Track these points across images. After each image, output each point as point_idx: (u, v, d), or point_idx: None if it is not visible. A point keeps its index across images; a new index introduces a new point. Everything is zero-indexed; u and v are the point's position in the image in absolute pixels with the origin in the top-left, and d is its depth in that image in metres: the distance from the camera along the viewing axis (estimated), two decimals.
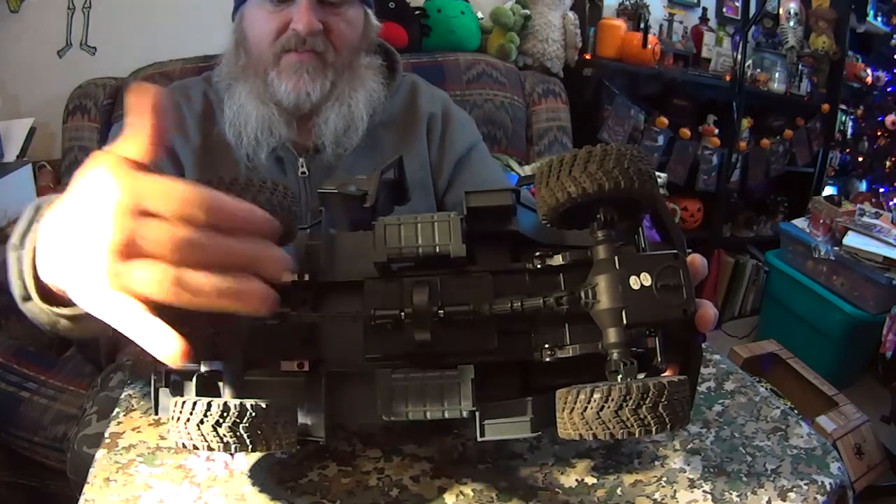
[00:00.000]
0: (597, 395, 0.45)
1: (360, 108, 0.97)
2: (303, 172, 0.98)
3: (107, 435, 0.62)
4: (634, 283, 0.49)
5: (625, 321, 0.49)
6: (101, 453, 0.59)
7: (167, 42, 2.00)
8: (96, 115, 1.80)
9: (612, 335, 0.49)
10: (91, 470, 0.57)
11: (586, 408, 0.46)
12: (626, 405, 0.44)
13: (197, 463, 0.58)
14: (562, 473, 0.58)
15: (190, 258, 0.39)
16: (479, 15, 2.25)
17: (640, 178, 0.48)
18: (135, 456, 0.59)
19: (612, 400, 0.45)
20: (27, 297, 0.58)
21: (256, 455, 0.59)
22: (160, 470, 0.57)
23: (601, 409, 0.45)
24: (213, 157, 0.98)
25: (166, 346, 0.40)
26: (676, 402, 0.45)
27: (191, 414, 0.47)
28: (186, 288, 0.39)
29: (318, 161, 0.98)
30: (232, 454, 0.59)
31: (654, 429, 0.45)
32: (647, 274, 0.49)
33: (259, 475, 0.57)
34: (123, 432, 0.62)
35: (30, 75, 1.99)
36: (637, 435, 0.45)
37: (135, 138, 0.42)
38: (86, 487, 0.55)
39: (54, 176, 1.90)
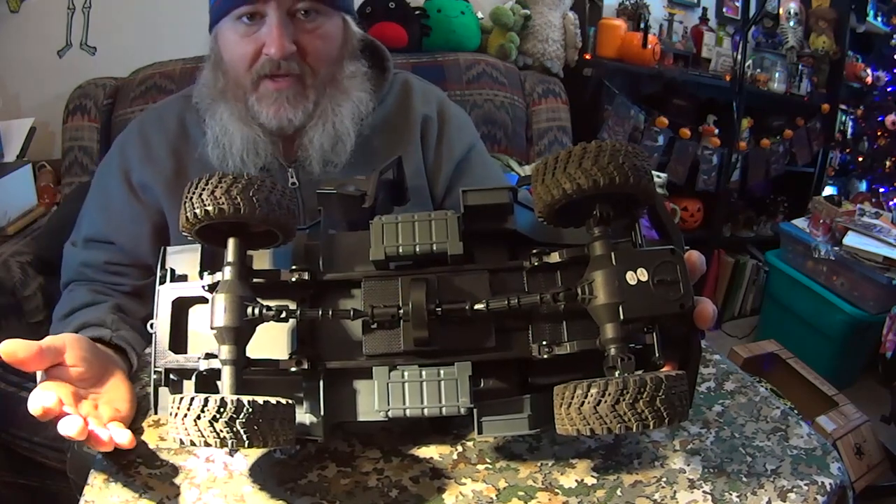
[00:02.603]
0: (594, 390, 0.45)
1: (345, 123, 0.93)
2: (293, 184, 0.96)
3: None
4: (631, 278, 0.49)
5: (622, 316, 0.49)
6: (100, 454, 0.59)
7: (167, 42, 1.99)
8: (96, 115, 1.80)
9: (609, 331, 0.49)
10: (91, 471, 0.57)
11: (583, 403, 0.46)
12: (623, 399, 0.44)
13: (196, 464, 0.58)
14: (561, 474, 0.58)
15: None
16: (479, 15, 2.25)
17: (635, 174, 0.48)
18: (134, 457, 0.59)
19: (609, 394, 0.45)
20: None
21: (256, 456, 0.59)
22: (160, 471, 0.57)
23: (598, 404, 0.45)
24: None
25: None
26: (674, 396, 0.45)
27: (188, 410, 0.47)
28: None
29: (308, 172, 0.95)
30: (230, 452, 0.59)
31: (651, 423, 0.44)
32: (643, 269, 0.49)
33: (258, 476, 0.57)
34: None
35: (30, 75, 1.99)
36: (634, 430, 0.45)
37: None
38: (86, 489, 0.56)
39: (54, 176, 1.90)
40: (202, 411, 0.46)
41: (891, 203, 2.55)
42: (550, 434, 0.60)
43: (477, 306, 0.53)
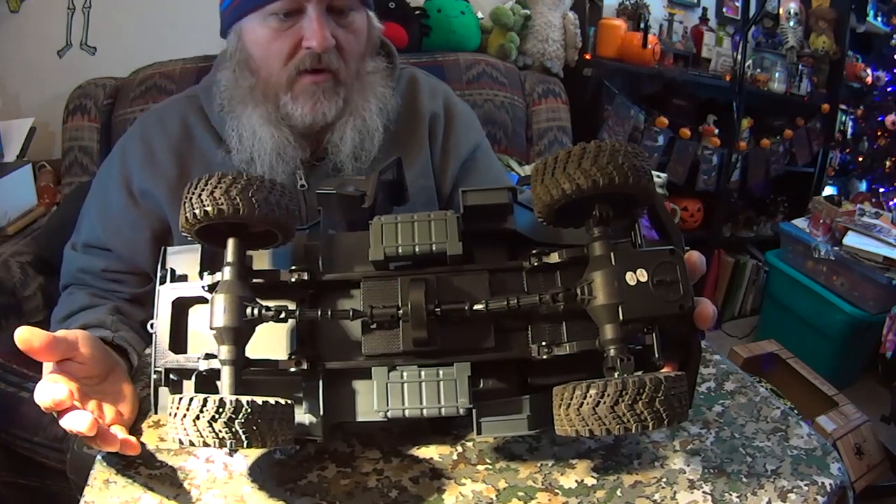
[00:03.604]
0: (593, 391, 0.45)
1: (374, 118, 0.93)
2: (302, 185, 0.95)
3: None
4: (630, 279, 0.49)
5: (621, 317, 0.49)
6: (101, 455, 0.59)
7: (167, 42, 2.00)
8: (96, 114, 1.80)
9: (608, 331, 0.49)
10: (91, 472, 0.57)
11: (582, 403, 0.46)
12: (622, 400, 0.44)
13: (196, 465, 0.58)
14: (561, 474, 0.58)
15: None
16: (479, 15, 2.25)
17: (634, 174, 0.48)
18: (135, 457, 0.59)
19: (608, 395, 0.45)
20: None
21: (255, 456, 0.59)
22: (160, 472, 0.57)
23: (597, 405, 0.45)
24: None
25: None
26: (673, 397, 0.45)
27: (187, 410, 0.47)
28: None
29: (317, 172, 0.95)
30: (230, 452, 0.59)
31: (650, 424, 0.44)
32: (643, 270, 0.49)
33: (258, 477, 0.57)
34: None
35: (30, 75, 1.99)
36: (633, 431, 0.45)
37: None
38: (86, 489, 0.56)
39: (54, 176, 1.90)
40: (201, 411, 0.46)
41: (891, 203, 2.55)
42: (550, 434, 0.60)
43: (476, 307, 0.53)
